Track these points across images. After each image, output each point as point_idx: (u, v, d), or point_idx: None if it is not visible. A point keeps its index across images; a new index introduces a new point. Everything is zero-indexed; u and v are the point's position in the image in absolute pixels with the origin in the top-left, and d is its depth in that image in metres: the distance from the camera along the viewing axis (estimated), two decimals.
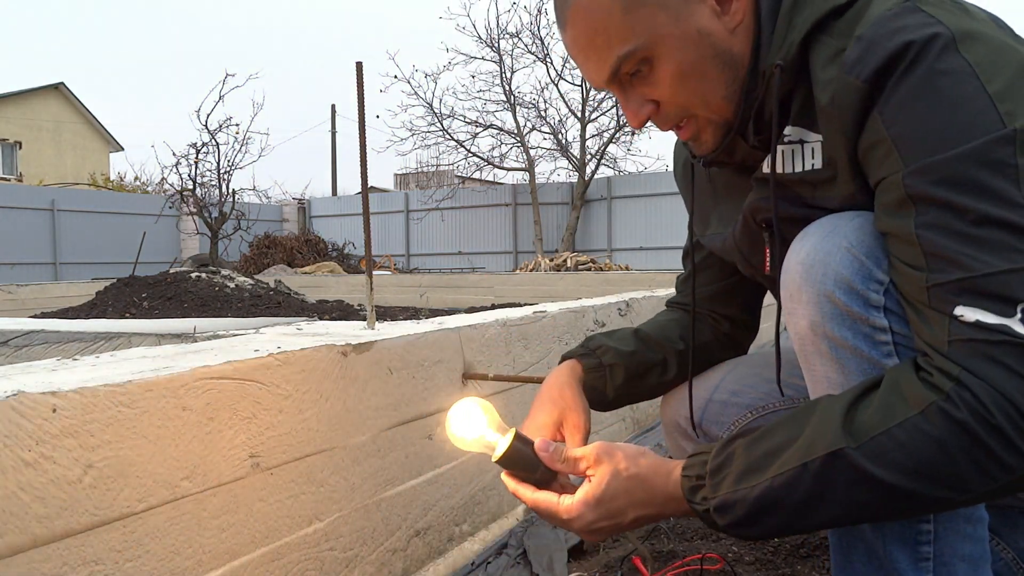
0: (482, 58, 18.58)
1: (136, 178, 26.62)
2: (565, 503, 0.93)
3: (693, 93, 0.94)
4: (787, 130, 0.95)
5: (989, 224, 0.74)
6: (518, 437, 0.98)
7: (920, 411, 0.75)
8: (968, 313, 0.74)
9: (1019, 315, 0.72)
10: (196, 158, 15.47)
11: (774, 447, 0.83)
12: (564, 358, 1.25)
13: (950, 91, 0.77)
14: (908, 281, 0.81)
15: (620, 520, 0.91)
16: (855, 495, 0.78)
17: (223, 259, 15.93)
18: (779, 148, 0.96)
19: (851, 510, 0.80)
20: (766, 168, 0.98)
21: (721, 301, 1.31)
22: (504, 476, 1.00)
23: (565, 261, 12.43)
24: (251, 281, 8.53)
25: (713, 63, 0.93)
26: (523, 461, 0.97)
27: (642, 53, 0.91)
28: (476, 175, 19.64)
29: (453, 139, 18.52)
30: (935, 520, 0.88)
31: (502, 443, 0.97)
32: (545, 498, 0.95)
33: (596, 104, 17.83)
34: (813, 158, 0.93)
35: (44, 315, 6.90)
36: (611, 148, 17.84)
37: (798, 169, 0.95)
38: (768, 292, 1.21)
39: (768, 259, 1.05)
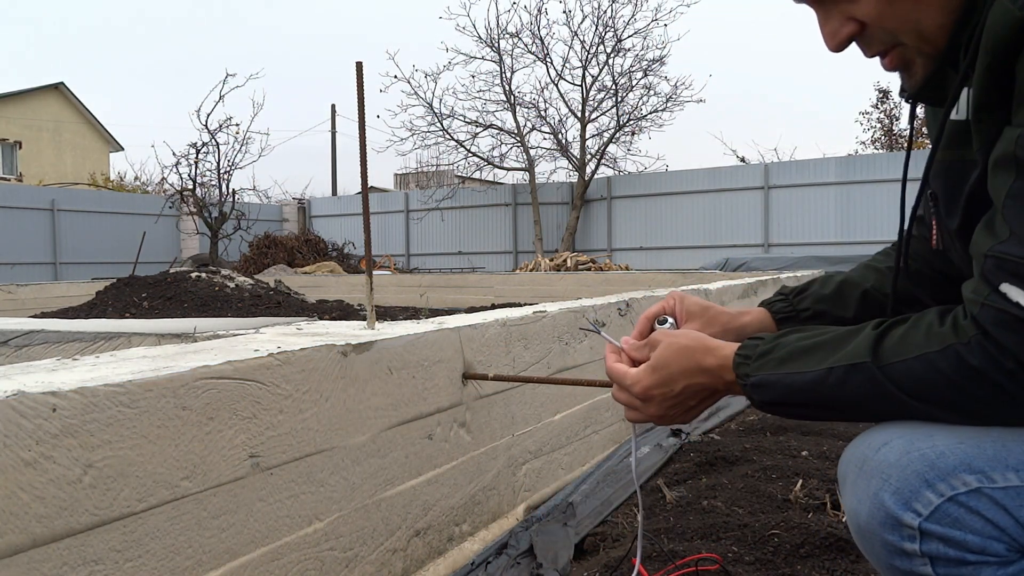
0: (482, 58, 18.48)
1: (136, 178, 26.73)
2: (632, 370, 1.04)
3: (904, 17, 0.84)
4: None
5: None
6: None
7: (939, 350, 0.79)
8: (1012, 292, 0.74)
9: None
10: (196, 158, 15.52)
11: (815, 346, 0.89)
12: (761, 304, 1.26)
13: None
14: (977, 240, 0.81)
15: (671, 388, 0.99)
16: (871, 404, 0.85)
17: (223, 259, 15.95)
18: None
19: (864, 416, 0.88)
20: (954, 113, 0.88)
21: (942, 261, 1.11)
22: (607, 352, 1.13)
23: (565, 261, 12.43)
24: (251, 281, 8.54)
25: None
26: None
27: None
28: (476, 175, 19.64)
29: (453, 139, 18.54)
30: None
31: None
32: (620, 367, 1.06)
33: (596, 104, 17.86)
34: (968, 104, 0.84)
35: (44, 315, 6.91)
36: (611, 148, 17.88)
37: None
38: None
39: (935, 230, 1.00)
